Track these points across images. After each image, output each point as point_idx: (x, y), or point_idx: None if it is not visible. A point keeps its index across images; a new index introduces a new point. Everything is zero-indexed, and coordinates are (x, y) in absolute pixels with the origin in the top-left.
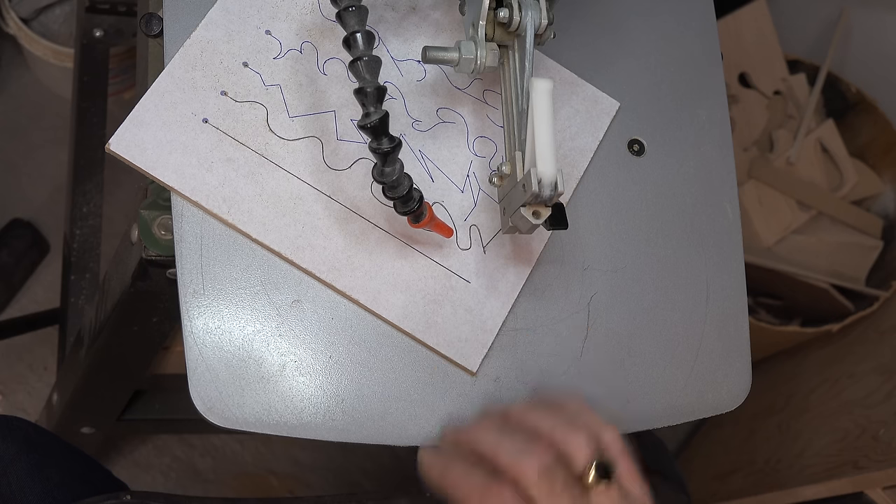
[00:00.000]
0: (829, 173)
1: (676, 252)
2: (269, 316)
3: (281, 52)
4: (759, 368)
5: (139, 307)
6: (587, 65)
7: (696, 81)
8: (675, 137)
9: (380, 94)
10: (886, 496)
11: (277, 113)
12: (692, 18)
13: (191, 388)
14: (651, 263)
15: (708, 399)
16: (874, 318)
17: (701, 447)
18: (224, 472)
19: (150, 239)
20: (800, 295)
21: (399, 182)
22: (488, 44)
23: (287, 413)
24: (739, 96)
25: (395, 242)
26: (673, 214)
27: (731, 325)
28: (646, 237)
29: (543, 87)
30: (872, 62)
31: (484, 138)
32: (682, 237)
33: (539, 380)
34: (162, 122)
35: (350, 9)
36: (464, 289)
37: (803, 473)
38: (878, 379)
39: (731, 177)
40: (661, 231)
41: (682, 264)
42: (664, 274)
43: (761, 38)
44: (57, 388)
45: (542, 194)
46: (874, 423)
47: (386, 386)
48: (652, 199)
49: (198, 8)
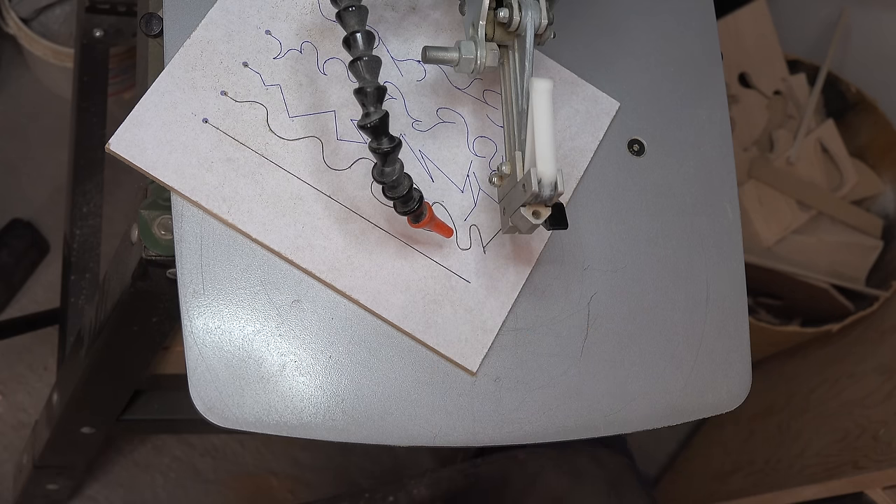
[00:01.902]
0: (829, 173)
1: (676, 252)
2: (269, 316)
3: (281, 52)
4: (759, 368)
5: (139, 307)
6: (587, 65)
7: (696, 81)
8: (675, 137)
9: (380, 94)
10: (886, 496)
11: (277, 113)
12: (692, 18)
13: (191, 388)
14: (651, 263)
15: (708, 399)
16: (874, 318)
17: (701, 447)
18: (224, 472)
19: (150, 239)
20: (800, 295)
21: (399, 182)
22: (488, 44)
23: (287, 413)
24: (739, 96)
25: (395, 242)
26: (673, 214)
27: (731, 325)
28: (646, 237)
29: (543, 87)
30: (872, 62)
31: (484, 138)
32: (682, 237)
33: (539, 380)
34: (162, 122)
35: (350, 9)
36: (464, 289)
37: (803, 473)
38: (878, 379)
39: (731, 177)
40: (661, 231)
41: (682, 264)
42: (664, 274)
43: (761, 38)
44: (57, 388)
45: (542, 194)
46: (874, 423)
47: (386, 386)
48: (652, 199)
49: (198, 8)
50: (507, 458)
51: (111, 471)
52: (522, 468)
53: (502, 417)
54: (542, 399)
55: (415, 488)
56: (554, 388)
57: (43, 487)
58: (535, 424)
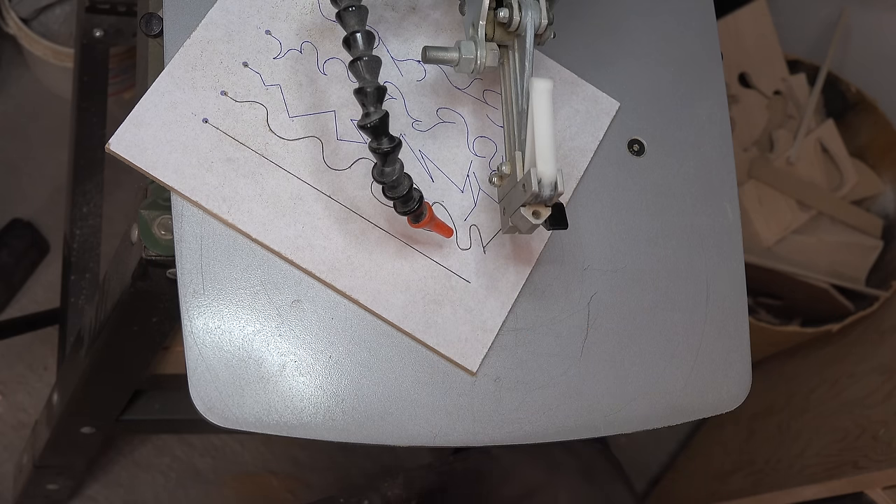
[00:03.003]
0: (829, 173)
1: (676, 252)
2: (269, 316)
3: (281, 52)
4: (759, 368)
5: (139, 307)
6: (587, 65)
7: (696, 81)
8: (675, 137)
9: (380, 94)
10: (886, 496)
11: (277, 113)
12: (692, 18)
13: (191, 388)
14: (651, 263)
15: (708, 399)
16: (874, 318)
17: (701, 447)
18: (224, 472)
19: (150, 239)
20: (800, 295)
21: (399, 182)
22: (488, 44)
23: (287, 413)
24: (739, 96)
25: (395, 242)
26: (673, 214)
27: (731, 325)
28: (646, 237)
29: (543, 87)
30: (872, 62)
31: (484, 138)
32: (682, 237)
33: (539, 380)
34: (162, 122)
35: (350, 9)
36: (464, 289)
37: (803, 473)
38: (878, 379)
39: (731, 177)
40: (661, 231)
41: (682, 264)
42: (664, 274)
43: (761, 38)
44: (57, 388)
45: (542, 194)
46: (874, 423)
47: (386, 386)
48: (652, 199)
49: (198, 8)
50: (481, 454)
51: (111, 471)
52: (496, 463)
53: (502, 417)
54: (542, 399)
55: (389, 490)
56: (554, 388)
57: (43, 487)
58: (535, 424)
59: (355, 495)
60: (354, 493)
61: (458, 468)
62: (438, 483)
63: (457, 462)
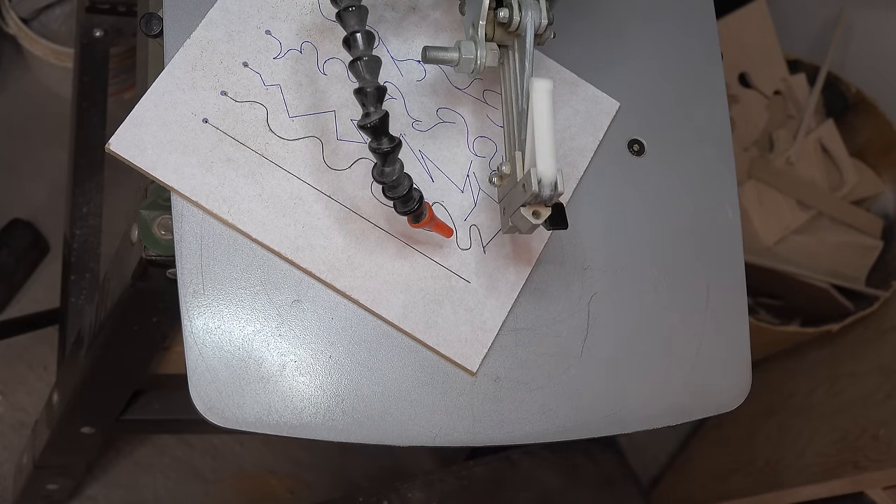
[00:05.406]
0: (829, 173)
1: (676, 252)
2: (269, 316)
3: (281, 52)
4: (759, 368)
5: (139, 307)
6: (587, 65)
7: (696, 81)
8: (675, 137)
9: (380, 94)
10: (886, 496)
11: (277, 113)
12: (692, 18)
13: (191, 388)
14: (651, 263)
15: (708, 399)
16: (874, 318)
17: (701, 447)
18: (224, 472)
19: (150, 239)
20: (800, 295)
21: (399, 182)
22: (488, 44)
23: (287, 413)
24: (739, 96)
25: (395, 242)
26: (673, 214)
27: (731, 325)
28: (646, 237)
29: (543, 87)
30: (872, 62)
31: (484, 138)
32: (682, 237)
33: (539, 380)
34: (162, 122)
35: (350, 9)
36: (464, 289)
37: (803, 473)
38: (878, 379)
39: (731, 177)
40: (661, 231)
41: (681, 264)
42: (664, 274)
43: (761, 38)
44: (57, 388)
45: (542, 194)
46: (874, 423)
47: (386, 386)
48: (652, 199)
49: (198, 8)
50: (500, 459)
51: (111, 471)
52: (516, 468)
53: (502, 417)
54: (542, 399)
55: (409, 491)
56: (554, 388)
57: (43, 487)
58: (535, 424)
59: (374, 495)
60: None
61: (477, 473)
62: (457, 487)
63: (477, 466)
